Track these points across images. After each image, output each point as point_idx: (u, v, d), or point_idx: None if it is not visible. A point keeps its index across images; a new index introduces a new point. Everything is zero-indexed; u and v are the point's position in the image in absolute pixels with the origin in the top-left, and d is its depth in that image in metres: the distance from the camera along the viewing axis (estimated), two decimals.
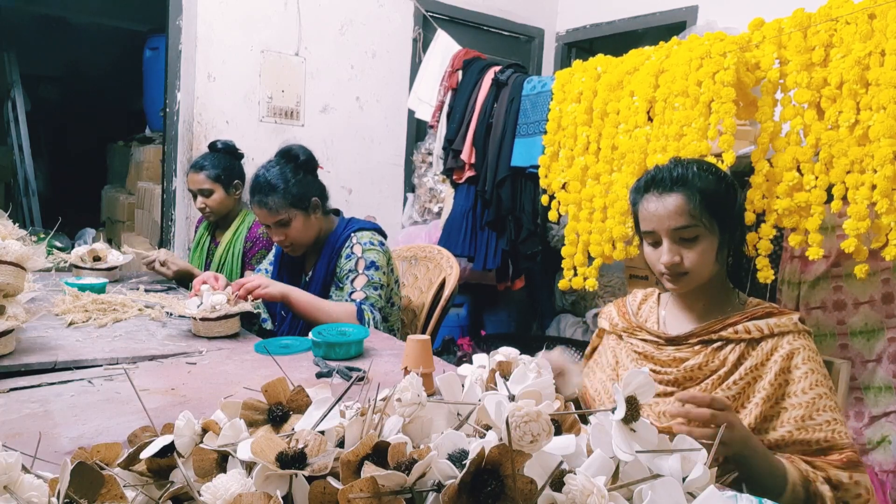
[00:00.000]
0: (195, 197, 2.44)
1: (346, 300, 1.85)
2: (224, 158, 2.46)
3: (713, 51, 1.94)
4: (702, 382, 1.21)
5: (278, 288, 1.74)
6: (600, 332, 1.47)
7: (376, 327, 1.80)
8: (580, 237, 2.37)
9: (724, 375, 1.20)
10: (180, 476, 0.65)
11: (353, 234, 1.94)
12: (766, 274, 1.94)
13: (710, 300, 1.27)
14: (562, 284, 2.47)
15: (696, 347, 1.24)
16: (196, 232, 2.70)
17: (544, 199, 2.54)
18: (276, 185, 1.86)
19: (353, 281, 1.87)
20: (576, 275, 2.41)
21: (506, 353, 0.96)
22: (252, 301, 1.68)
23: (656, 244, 1.24)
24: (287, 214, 1.87)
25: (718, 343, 1.22)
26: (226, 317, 1.59)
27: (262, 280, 1.74)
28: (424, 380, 0.83)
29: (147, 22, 4.98)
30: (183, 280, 2.29)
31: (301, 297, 1.77)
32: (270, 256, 2.17)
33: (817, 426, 1.12)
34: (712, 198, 1.19)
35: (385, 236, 2.03)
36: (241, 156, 2.56)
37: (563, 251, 2.44)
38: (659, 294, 1.40)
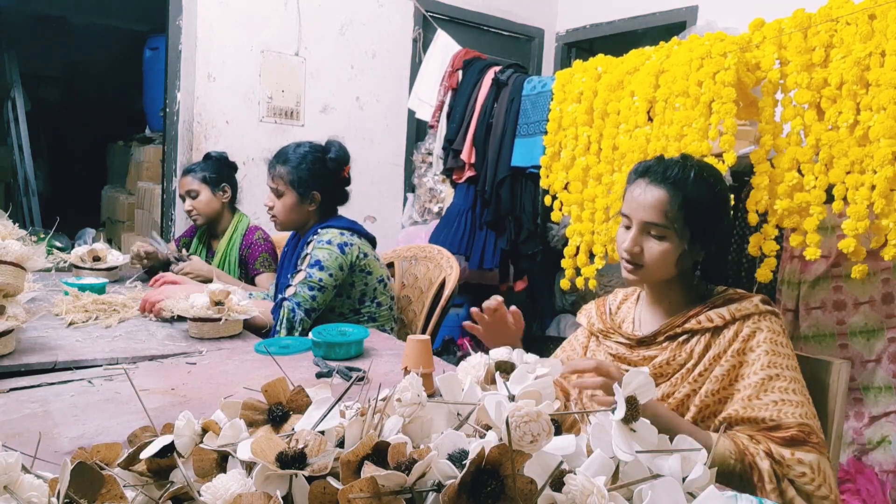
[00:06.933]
0: (184, 200, 2.47)
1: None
2: (215, 164, 2.49)
3: (713, 51, 1.94)
4: (672, 377, 1.22)
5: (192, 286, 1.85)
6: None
7: (293, 328, 1.73)
8: (583, 237, 2.37)
9: (691, 368, 1.20)
10: (180, 476, 0.65)
11: (319, 230, 1.92)
12: (764, 273, 1.94)
13: (677, 295, 1.28)
14: (563, 284, 2.47)
15: (664, 344, 1.25)
16: (182, 242, 2.64)
17: (547, 200, 2.54)
18: (290, 159, 1.93)
19: (293, 276, 1.85)
20: (578, 275, 2.42)
21: (499, 353, 0.96)
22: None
23: (628, 228, 1.25)
24: (282, 188, 1.92)
25: (684, 336, 1.23)
26: (227, 319, 1.59)
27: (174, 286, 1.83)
28: (424, 380, 0.83)
29: (147, 22, 4.97)
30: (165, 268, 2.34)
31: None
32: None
33: (763, 405, 1.11)
34: (696, 207, 1.19)
35: (363, 236, 1.96)
36: (235, 167, 2.57)
37: (566, 251, 2.44)
38: (639, 293, 1.40)
